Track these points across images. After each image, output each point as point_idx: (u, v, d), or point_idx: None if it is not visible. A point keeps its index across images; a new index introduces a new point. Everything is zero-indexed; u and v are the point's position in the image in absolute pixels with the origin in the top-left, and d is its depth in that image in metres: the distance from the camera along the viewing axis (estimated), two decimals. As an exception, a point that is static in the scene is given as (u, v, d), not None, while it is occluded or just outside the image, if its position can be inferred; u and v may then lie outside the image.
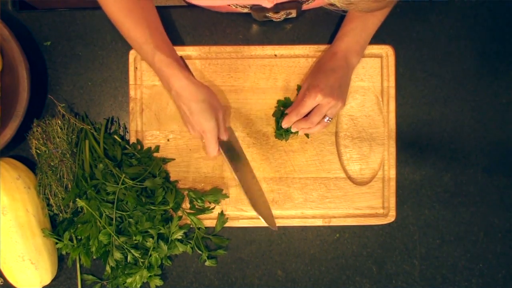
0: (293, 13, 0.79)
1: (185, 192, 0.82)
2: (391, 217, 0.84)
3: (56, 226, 0.81)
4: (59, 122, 0.80)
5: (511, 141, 0.86)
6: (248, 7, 0.78)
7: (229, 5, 0.78)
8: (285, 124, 0.78)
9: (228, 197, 0.83)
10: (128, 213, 0.77)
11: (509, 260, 0.85)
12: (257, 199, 0.81)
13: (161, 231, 0.79)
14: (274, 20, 0.81)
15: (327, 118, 0.77)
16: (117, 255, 0.77)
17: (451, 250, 0.85)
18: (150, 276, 0.79)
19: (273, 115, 0.83)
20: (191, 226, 0.82)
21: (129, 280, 0.78)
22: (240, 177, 0.80)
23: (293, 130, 0.78)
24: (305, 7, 0.81)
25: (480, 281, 0.85)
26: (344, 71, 0.77)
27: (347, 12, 0.80)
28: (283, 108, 0.82)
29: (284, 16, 0.80)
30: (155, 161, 0.80)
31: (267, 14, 0.78)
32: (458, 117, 0.85)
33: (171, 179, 0.83)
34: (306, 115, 0.77)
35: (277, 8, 0.74)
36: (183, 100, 0.73)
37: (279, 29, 0.84)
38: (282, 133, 0.81)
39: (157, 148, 0.83)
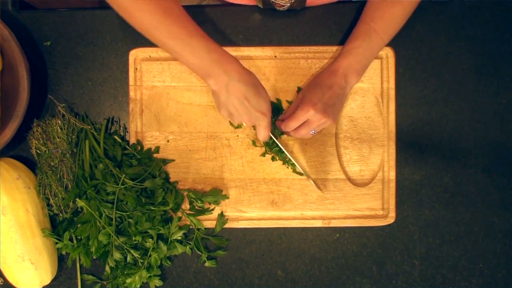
0: (296, 4, 0.78)
1: (185, 193, 0.82)
2: (390, 219, 0.84)
3: (56, 226, 0.81)
4: (59, 122, 0.80)
5: (511, 141, 0.86)
6: None
7: None
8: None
9: (227, 198, 0.83)
10: (128, 213, 0.77)
11: (509, 260, 0.85)
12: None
13: (160, 232, 0.79)
14: (277, 8, 0.80)
15: (313, 131, 0.77)
16: (117, 255, 0.78)
17: (451, 250, 0.85)
18: (149, 276, 0.79)
19: None
20: (191, 227, 0.82)
21: (128, 280, 0.78)
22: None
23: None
24: (309, 2, 0.80)
25: (480, 281, 0.85)
26: (342, 90, 0.77)
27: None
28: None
29: (289, 4, 0.78)
30: (155, 161, 0.80)
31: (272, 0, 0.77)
32: (458, 117, 0.85)
33: (171, 179, 0.83)
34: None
35: None
36: (239, 85, 0.70)
37: (279, 30, 0.84)
38: (266, 149, 0.83)
39: (157, 149, 0.83)
